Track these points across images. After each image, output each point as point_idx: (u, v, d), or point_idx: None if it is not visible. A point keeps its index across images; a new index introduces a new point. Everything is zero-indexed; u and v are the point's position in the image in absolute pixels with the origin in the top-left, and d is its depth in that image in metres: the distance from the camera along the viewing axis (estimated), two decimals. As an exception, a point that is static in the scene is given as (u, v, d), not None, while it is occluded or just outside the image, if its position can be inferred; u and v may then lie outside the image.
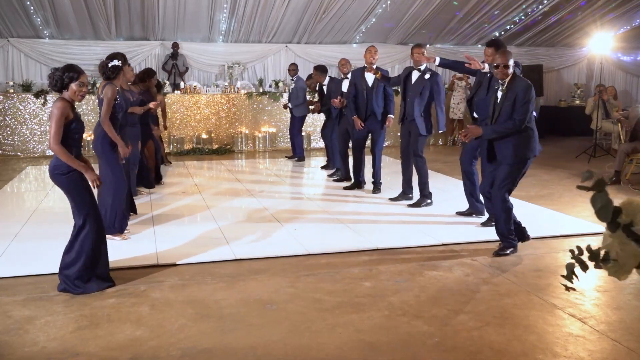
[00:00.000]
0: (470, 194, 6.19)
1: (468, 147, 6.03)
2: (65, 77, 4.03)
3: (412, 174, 6.96)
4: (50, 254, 4.86)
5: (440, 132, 6.93)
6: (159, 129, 8.47)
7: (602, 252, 1.13)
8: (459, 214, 6.32)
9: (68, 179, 4.05)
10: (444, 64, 6.26)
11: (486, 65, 5.66)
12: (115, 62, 5.38)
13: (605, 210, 1.12)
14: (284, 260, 4.87)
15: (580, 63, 15.50)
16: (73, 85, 4.04)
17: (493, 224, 5.52)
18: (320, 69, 9.28)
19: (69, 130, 4.03)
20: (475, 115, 5.96)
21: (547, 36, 14.25)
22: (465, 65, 5.86)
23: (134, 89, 6.89)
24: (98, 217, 4.22)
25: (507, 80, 4.87)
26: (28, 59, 11.96)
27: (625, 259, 1.09)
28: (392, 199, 7.03)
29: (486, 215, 5.94)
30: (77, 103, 4.52)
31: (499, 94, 4.95)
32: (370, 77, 7.27)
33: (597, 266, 1.15)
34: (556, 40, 14.62)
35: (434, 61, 6.20)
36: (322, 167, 9.63)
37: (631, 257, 1.09)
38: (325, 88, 9.18)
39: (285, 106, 10.60)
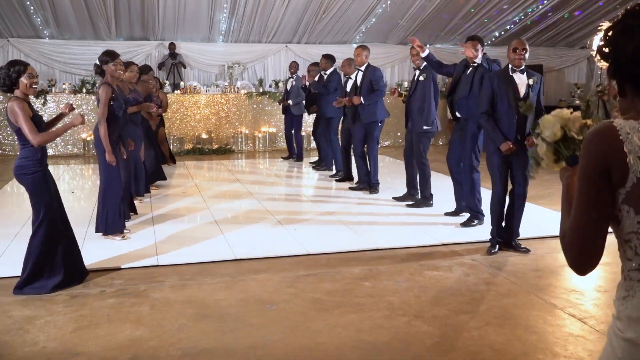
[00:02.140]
0: (459, 194, 6.19)
1: (454, 148, 6.01)
2: (12, 72, 3.91)
3: (415, 175, 6.93)
4: (50, 254, 4.87)
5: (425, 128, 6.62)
6: (164, 128, 8.38)
7: (539, 157, 1.67)
8: (447, 214, 6.30)
9: (33, 179, 4.03)
10: (429, 59, 6.14)
11: (479, 55, 5.58)
12: (97, 61, 5.25)
13: (532, 127, 1.69)
14: (284, 260, 4.87)
15: (580, 63, 15.50)
16: (23, 79, 3.92)
17: (473, 224, 5.82)
18: (328, 57, 9.01)
19: None
20: (457, 114, 5.87)
21: (547, 36, 14.24)
22: (460, 52, 5.75)
23: (139, 89, 6.84)
24: (53, 221, 4.12)
25: (523, 68, 4.89)
26: (28, 59, 11.91)
27: (545, 156, 1.65)
28: (395, 198, 7.01)
29: (466, 215, 6.01)
30: (63, 102, 4.46)
31: (522, 83, 4.86)
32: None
33: (537, 165, 1.74)
34: (556, 40, 14.62)
35: (423, 52, 6.11)
36: (314, 167, 9.58)
37: (548, 154, 1.64)
38: (324, 76, 8.95)
39: (284, 105, 10.36)
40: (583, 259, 1.37)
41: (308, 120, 11.43)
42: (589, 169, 1.33)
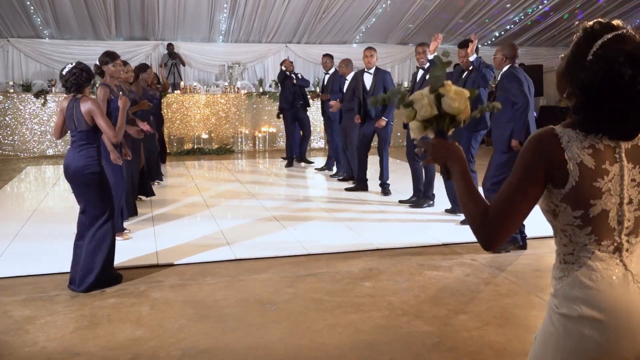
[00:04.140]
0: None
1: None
2: (92, 76, 4.25)
3: (420, 176, 6.88)
4: (50, 254, 4.88)
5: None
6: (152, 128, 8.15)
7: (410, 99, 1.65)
8: (448, 211, 6.35)
9: (99, 177, 4.17)
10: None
11: (473, 56, 5.60)
12: (97, 62, 5.30)
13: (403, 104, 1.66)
14: (284, 260, 4.87)
15: (580, 63, 15.49)
16: (89, 85, 4.27)
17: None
18: (330, 56, 8.93)
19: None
20: None
21: (547, 36, 14.26)
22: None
23: (134, 88, 6.84)
24: (116, 217, 4.43)
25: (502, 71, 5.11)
26: (28, 59, 11.95)
27: (421, 108, 1.60)
28: (401, 201, 6.96)
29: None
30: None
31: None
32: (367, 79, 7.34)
33: (398, 106, 1.69)
34: (556, 40, 14.63)
35: (432, 53, 6.26)
36: (317, 168, 9.57)
37: (425, 107, 1.59)
38: (327, 78, 8.90)
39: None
40: (504, 235, 1.57)
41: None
42: (533, 160, 1.47)
